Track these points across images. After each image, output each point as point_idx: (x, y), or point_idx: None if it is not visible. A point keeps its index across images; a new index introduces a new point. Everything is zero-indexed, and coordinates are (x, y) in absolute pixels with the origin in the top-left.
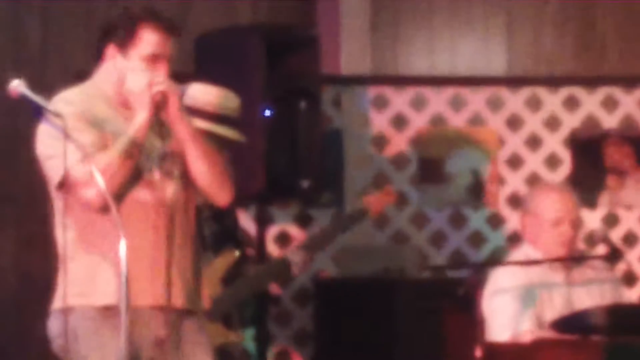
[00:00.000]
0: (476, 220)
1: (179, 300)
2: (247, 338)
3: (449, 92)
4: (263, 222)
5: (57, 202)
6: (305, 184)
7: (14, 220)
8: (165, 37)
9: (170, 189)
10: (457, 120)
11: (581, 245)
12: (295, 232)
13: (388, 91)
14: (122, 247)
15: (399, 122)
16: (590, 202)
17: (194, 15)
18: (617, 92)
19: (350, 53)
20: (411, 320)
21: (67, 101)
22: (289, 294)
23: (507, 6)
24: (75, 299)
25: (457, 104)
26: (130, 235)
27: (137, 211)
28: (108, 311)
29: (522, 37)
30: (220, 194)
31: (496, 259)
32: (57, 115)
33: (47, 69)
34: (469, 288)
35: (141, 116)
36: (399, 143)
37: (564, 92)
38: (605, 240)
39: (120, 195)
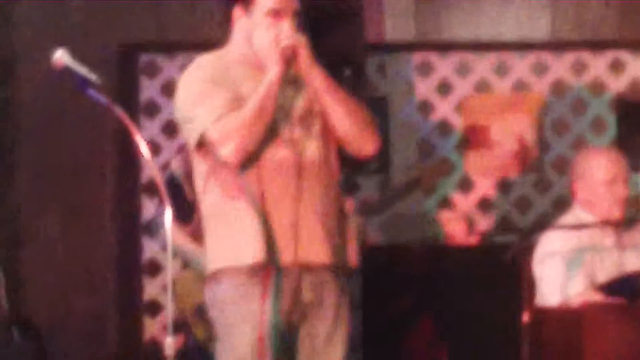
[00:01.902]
0: (522, 185)
1: (324, 256)
2: None
3: (493, 57)
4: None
5: (200, 165)
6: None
7: (60, 194)
8: None
9: (311, 147)
10: (502, 86)
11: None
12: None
13: (432, 57)
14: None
15: (444, 88)
16: (636, 165)
17: None
18: None
19: (394, 20)
20: (459, 287)
21: (198, 66)
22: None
23: None
24: (223, 262)
25: (501, 70)
26: (271, 193)
27: (277, 169)
28: (256, 272)
29: (566, 1)
30: (365, 144)
31: (543, 224)
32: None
33: (91, 40)
34: (516, 253)
35: (272, 72)
36: (444, 110)
37: (609, 56)
38: None
39: (257, 152)
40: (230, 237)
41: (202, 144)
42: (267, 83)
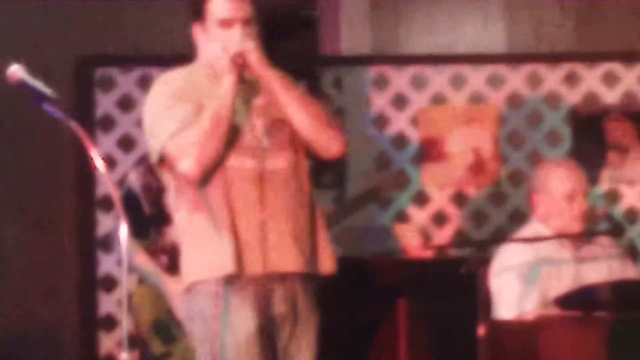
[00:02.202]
0: (478, 199)
1: (295, 265)
2: None
3: (449, 70)
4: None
5: (169, 181)
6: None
7: (17, 206)
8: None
9: (279, 156)
10: (458, 99)
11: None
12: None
13: (388, 71)
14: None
15: (400, 101)
16: (591, 178)
17: None
18: (617, 67)
19: (351, 33)
20: (415, 301)
21: (164, 81)
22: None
23: None
24: (196, 275)
25: (457, 83)
26: (238, 204)
27: (244, 180)
28: (229, 283)
29: (523, 13)
30: (330, 143)
31: (498, 237)
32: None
33: (46, 54)
34: (472, 267)
35: (225, 81)
36: (400, 123)
37: (564, 68)
38: (607, 216)
39: (222, 163)
40: (200, 251)
41: (163, 160)
42: (221, 92)
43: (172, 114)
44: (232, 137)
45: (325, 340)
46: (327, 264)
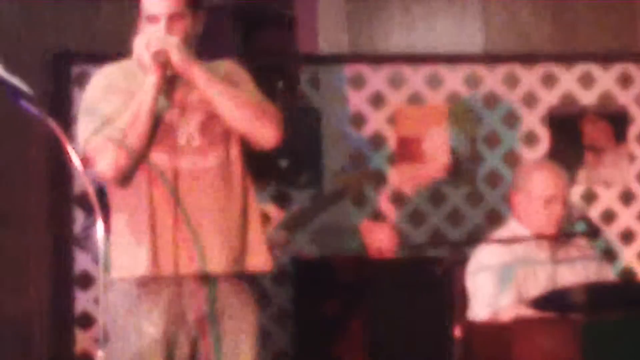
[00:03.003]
0: (454, 198)
1: (222, 265)
2: None
3: (426, 70)
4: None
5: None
6: (283, 163)
7: None
8: None
9: (209, 154)
10: (435, 99)
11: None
12: (274, 211)
13: (365, 70)
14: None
15: (377, 100)
16: (567, 177)
17: None
18: (594, 68)
19: (327, 32)
20: (390, 300)
21: (102, 73)
22: (268, 273)
23: None
24: (114, 272)
25: (434, 82)
26: (163, 204)
27: (170, 178)
28: (143, 284)
29: (499, 14)
30: (263, 134)
31: (475, 237)
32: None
33: (23, 51)
34: (448, 267)
35: (149, 78)
36: (377, 122)
37: (541, 69)
38: (584, 217)
39: (138, 162)
40: (119, 249)
41: (84, 158)
42: (144, 90)
43: (100, 109)
44: (161, 135)
45: (298, 340)
46: (259, 261)
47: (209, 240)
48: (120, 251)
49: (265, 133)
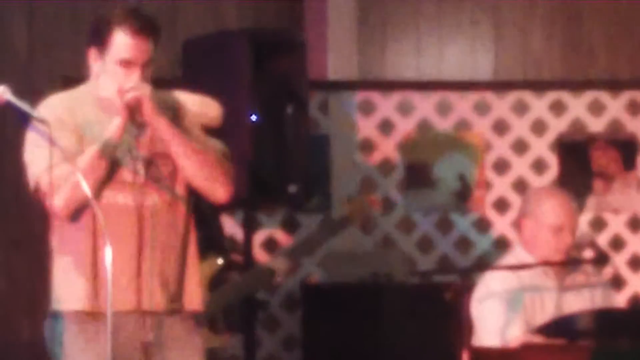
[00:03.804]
0: (463, 225)
1: (159, 303)
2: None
3: (436, 96)
4: (250, 227)
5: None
6: (292, 189)
7: (2, 225)
8: (139, 40)
9: (155, 193)
10: (444, 125)
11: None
12: (283, 237)
13: (375, 96)
14: (108, 253)
15: (386, 127)
16: (577, 206)
17: (180, 20)
18: (603, 96)
19: (338, 58)
20: (399, 326)
21: (48, 106)
22: (277, 299)
23: (495, 10)
24: (55, 304)
25: (443, 109)
26: (111, 239)
27: (117, 216)
28: (82, 317)
29: (509, 41)
30: (216, 191)
31: (483, 264)
32: (41, 121)
33: (34, 74)
34: (456, 293)
35: (115, 121)
36: (386, 148)
37: (550, 96)
38: (592, 244)
39: (97, 197)
40: (64, 281)
41: (38, 190)
42: (109, 132)
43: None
44: (109, 171)
45: None
46: (192, 302)
47: (147, 279)
48: (61, 284)
49: (218, 192)
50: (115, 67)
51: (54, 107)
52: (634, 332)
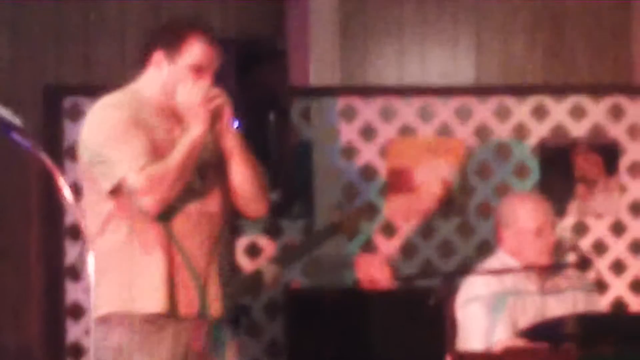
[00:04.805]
0: (446, 230)
1: (217, 309)
2: None
3: (418, 102)
4: (233, 233)
5: (99, 204)
6: (274, 195)
7: None
8: (213, 47)
9: (216, 199)
10: (426, 131)
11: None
12: (265, 243)
13: (356, 102)
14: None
15: (368, 132)
16: (559, 211)
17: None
18: (585, 101)
19: (319, 64)
20: (382, 331)
21: (115, 105)
22: (260, 305)
23: (476, 16)
24: (118, 306)
25: (425, 114)
26: (180, 244)
27: (186, 220)
28: (153, 320)
29: (491, 47)
30: (257, 206)
31: (466, 269)
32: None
33: (17, 83)
34: (439, 298)
35: (197, 129)
36: (368, 154)
37: (532, 101)
38: (575, 248)
39: (173, 205)
40: (131, 282)
41: (117, 189)
42: (191, 140)
43: (132, 142)
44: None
45: None
46: (217, 307)
47: (215, 285)
48: (127, 284)
49: (259, 208)
50: (186, 73)
51: (119, 105)
52: (617, 336)
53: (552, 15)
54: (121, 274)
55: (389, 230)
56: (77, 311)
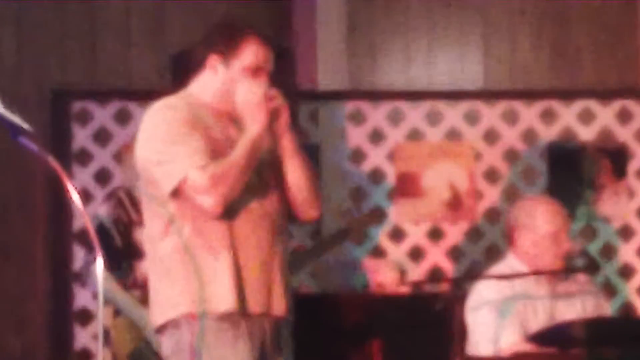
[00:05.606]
0: (454, 234)
1: (281, 308)
2: None
3: (426, 106)
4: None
5: (163, 209)
6: None
7: None
8: (266, 49)
9: (274, 198)
10: (434, 135)
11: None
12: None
13: (364, 106)
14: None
15: (376, 136)
16: (566, 210)
17: (168, 31)
18: (593, 104)
19: (327, 68)
20: (391, 336)
21: (170, 106)
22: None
23: (483, 20)
24: (190, 307)
25: (433, 118)
26: (243, 243)
27: (247, 219)
28: (226, 319)
29: (499, 50)
30: (311, 209)
31: (474, 273)
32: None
33: (22, 84)
34: (447, 302)
35: (255, 128)
36: (376, 158)
37: (540, 105)
38: (583, 252)
39: (234, 204)
40: (201, 283)
41: (180, 189)
42: (251, 139)
43: (190, 142)
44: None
45: None
46: (281, 305)
47: (279, 283)
48: (193, 286)
49: (312, 211)
50: (243, 74)
51: (174, 106)
52: (626, 340)
53: (558, 18)
54: (187, 275)
55: (397, 234)
56: (85, 317)
